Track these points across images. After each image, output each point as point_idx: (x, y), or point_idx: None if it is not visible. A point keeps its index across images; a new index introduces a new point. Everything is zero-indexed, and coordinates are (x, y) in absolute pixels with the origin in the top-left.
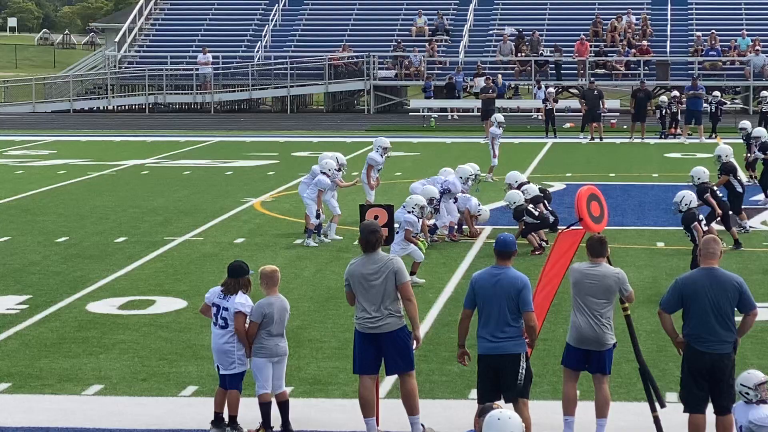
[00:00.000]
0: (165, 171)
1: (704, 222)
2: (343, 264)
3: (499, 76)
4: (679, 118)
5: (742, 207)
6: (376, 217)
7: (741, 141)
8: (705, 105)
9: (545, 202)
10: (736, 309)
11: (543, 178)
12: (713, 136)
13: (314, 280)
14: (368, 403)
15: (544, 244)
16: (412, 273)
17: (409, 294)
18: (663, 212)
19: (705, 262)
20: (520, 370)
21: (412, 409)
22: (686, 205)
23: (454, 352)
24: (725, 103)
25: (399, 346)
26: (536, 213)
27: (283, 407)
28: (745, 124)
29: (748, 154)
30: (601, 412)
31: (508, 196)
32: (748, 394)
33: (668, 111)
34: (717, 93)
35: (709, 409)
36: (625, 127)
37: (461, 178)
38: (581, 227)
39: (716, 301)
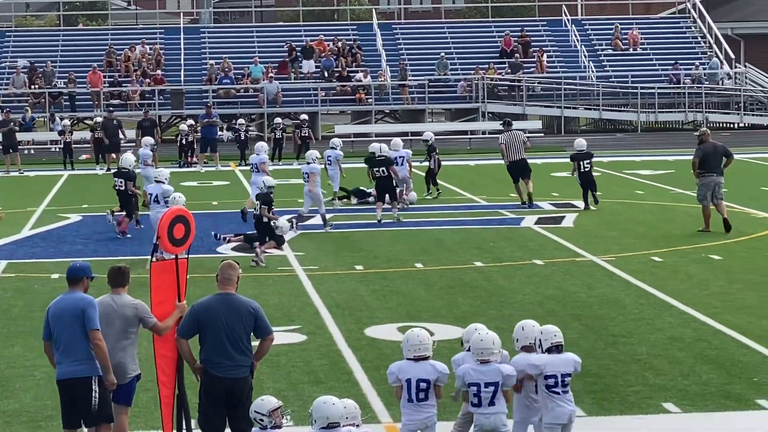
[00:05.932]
0: None
1: None
2: None
3: (29, 109)
4: (195, 147)
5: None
6: None
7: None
8: (220, 134)
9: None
10: (253, 334)
11: (60, 210)
12: (242, 163)
13: None
14: None
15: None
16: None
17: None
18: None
19: (221, 287)
20: (93, 395)
21: None
22: None
23: None
24: (249, 130)
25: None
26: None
27: None
28: (428, 135)
29: (433, 167)
30: None
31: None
32: (262, 420)
33: (186, 140)
34: (242, 121)
35: None
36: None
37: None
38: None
39: (231, 326)
